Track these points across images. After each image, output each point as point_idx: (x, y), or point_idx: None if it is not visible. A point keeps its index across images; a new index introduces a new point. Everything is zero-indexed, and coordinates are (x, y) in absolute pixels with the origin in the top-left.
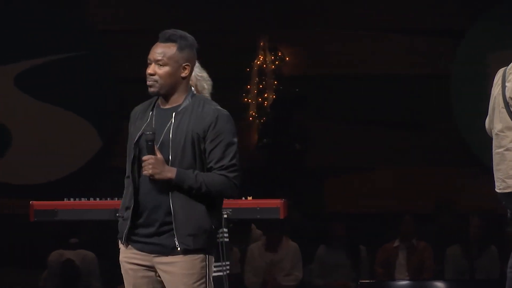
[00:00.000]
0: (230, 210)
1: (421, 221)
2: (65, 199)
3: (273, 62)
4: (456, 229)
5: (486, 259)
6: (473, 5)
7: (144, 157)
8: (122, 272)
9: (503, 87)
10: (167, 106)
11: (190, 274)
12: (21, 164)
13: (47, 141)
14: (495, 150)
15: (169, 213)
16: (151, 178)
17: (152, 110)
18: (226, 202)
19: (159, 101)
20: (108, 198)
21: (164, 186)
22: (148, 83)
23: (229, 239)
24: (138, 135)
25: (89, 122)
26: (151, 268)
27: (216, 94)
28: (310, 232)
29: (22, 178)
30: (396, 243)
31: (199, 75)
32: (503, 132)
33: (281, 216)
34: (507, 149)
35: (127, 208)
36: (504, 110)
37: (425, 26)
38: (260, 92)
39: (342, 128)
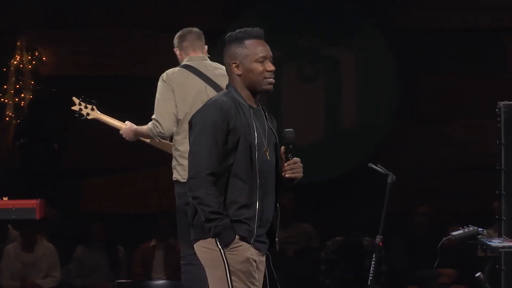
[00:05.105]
0: None
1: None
2: None
3: (30, 62)
4: None
5: None
6: (230, 5)
7: (296, 159)
8: (250, 268)
9: (209, 79)
10: (256, 106)
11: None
12: None
13: None
14: None
15: (276, 215)
16: (294, 181)
17: (245, 107)
18: None
19: (246, 99)
20: None
21: (273, 187)
22: (271, 80)
23: None
24: (257, 135)
25: None
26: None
27: None
28: (68, 232)
29: None
30: (153, 243)
31: None
32: None
33: (37, 217)
34: None
35: (243, 207)
36: None
37: (180, 26)
38: (17, 92)
39: (100, 128)
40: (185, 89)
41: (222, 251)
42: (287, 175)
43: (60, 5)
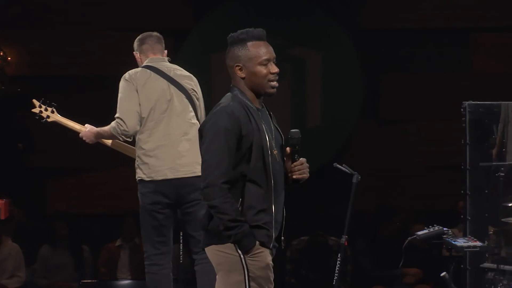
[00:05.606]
0: None
1: None
2: None
3: None
4: None
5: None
6: (195, 5)
7: (302, 160)
8: (270, 274)
9: (171, 78)
10: (261, 107)
11: None
12: None
13: None
14: (184, 137)
15: (283, 215)
16: (301, 182)
17: (254, 110)
18: None
19: (252, 101)
20: None
21: (283, 187)
22: (275, 83)
23: None
24: (268, 138)
25: None
26: None
27: None
28: (33, 232)
29: None
30: (118, 243)
31: None
32: (191, 120)
33: (2, 217)
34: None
35: (261, 211)
36: (187, 101)
37: (144, 26)
38: None
39: (63, 129)
40: (148, 88)
41: (242, 256)
42: (294, 176)
43: (25, 5)
